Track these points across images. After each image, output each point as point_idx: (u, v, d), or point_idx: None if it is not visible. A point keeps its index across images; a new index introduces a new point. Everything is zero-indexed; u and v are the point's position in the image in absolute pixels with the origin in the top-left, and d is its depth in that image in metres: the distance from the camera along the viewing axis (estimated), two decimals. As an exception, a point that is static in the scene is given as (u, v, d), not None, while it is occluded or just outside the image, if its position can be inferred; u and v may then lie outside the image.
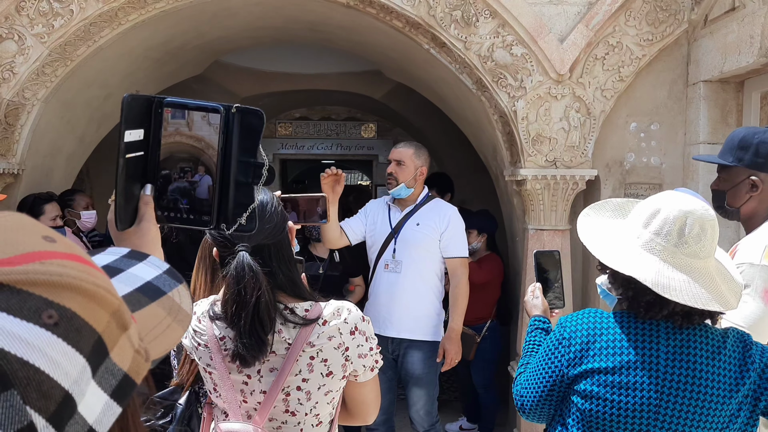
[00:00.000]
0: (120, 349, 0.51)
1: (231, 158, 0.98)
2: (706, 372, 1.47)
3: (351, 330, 1.50)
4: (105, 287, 0.51)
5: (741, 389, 1.46)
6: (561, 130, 3.88)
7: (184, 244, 3.19)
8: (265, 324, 1.43)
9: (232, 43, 5.35)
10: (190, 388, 1.80)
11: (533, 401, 1.66)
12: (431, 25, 3.84)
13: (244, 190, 0.99)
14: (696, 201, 1.54)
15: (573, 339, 1.57)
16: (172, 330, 0.65)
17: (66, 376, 0.45)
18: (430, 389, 3.57)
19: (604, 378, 1.51)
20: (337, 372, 1.50)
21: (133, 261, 0.70)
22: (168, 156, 0.98)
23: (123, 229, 0.95)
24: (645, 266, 1.49)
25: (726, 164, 2.19)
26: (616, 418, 1.50)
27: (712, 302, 1.46)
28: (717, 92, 3.75)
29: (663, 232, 1.51)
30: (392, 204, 3.62)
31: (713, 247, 1.52)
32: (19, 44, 3.77)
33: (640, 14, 3.81)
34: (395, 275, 3.50)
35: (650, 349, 1.50)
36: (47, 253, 0.49)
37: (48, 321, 0.45)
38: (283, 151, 9.03)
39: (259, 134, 0.99)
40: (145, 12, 3.89)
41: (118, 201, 0.93)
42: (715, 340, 1.51)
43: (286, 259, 1.52)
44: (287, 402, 1.49)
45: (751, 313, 1.87)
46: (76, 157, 4.82)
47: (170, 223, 1.00)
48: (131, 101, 0.92)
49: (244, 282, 1.41)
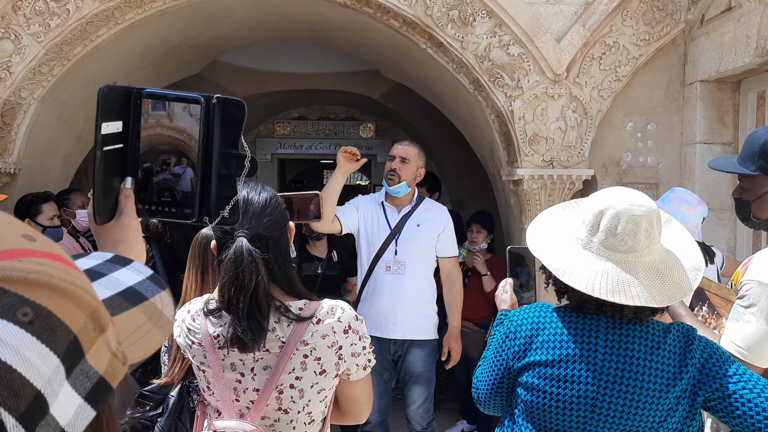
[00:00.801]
0: (96, 351, 0.50)
1: (213, 150, 0.96)
2: (643, 366, 1.49)
3: (345, 329, 1.51)
4: (83, 287, 0.50)
5: (679, 384, 1.47)
6: (558, 130, 3.88)
7: (178, 244, 3.19)
8: (262, 308, 1.43)
9: (229, 42, 5.35)
10: (181, 382, 1.80)
11: (486, 393, 1.71)
12: (428, 24, 3.84)
13: (227, 182, 0.97)
14: (632, 196, 1.53)
15: (518, 333, 1.62)
16: (152, 335, 0.64)
17: (39, 376, 0.44)
18: (429, 387, 3.59)
19: (545, 371, 1.55)
20: (330, 370, 1.51)
21: (116, 266, 0.69)
22: (149, 148, 0.96)
23: (102, 223, 0.93)
24: (580, 268, 1.53)
25: (750, 174, 2.01)
26: (555, 410, 1.53)
27: (636, 299, 1.47)
28: (714, 92, 3.76)
29: (598, 231, 1.53)
30: (387, 203, 3.60)
31: (651, 238, 1.52)
32: (16, 43, 3.77)
33: (637, 14, 3.82)
34: (399, 276, 3.48)
35: (589, 343, 1.53)
36: (26, 251, 0.48)
37: (23, 319, 0.44)
38: (282, 150, 9.02)
39: (241, 125, 0.97)
40: (141, 11, 3.89)
41: (97, 194, 0.91)
42: (655, 335, 1.53)
43: (283, 253, 1.53)
44: (280, 400, 1.49)
45: (752, 334, 1.78)
46: (72, 156, 4.82)
47: (152, 217, 0.98)
48: (108, 92, 0.90)
49: (243, 266, 1.42)
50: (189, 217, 0.96)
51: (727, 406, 1.45)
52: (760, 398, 1.42)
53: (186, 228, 3.59)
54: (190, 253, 1.83)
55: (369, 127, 9.02)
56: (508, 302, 2.03)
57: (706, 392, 1.47)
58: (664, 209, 2.91)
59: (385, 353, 3.47)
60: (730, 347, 1.80)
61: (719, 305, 2.07)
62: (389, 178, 3.50)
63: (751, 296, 1.79)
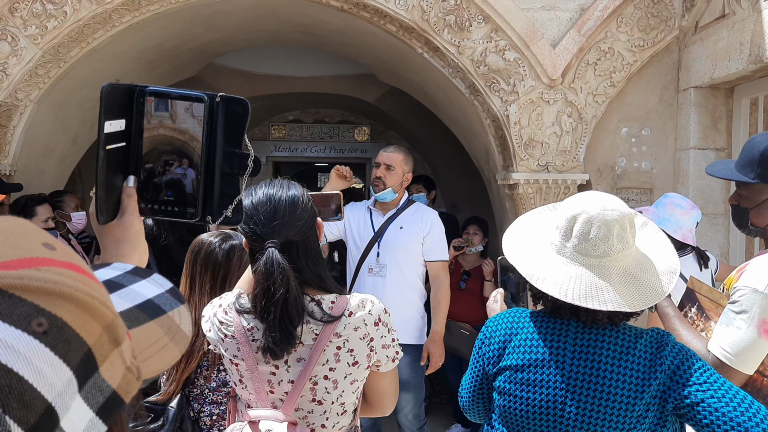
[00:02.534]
0: (110, 365, 0.49)
1: (216, 149, 0.94)
2: (612, 372, 1.48)
3: (375, 321, 1.54)
4: (100, 299, 0.49)
5: (647, 390, 1.46)
6: (553, 135, 3.91)
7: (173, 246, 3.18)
8: (293, 318, 1.46)
9: (225, 45, 5.35)
10: (180, 392, 1.80)
11: (468, 399, 1.72)
12: (425, 29, 3.85)
13: (230, 181, 0.96)
14: (604, 201, 1.54)
15: (493, 338, 1.63)
16: (168, 350, 0.63)
17: (50, 388, 0.43)
18: (417, 392, 3.57)
19: (516, 375, 1.55)
20: (362, 362, 1.54)
21: (136, 278, 0.69)
22: (152, 147, 0.94)
23: (104, 222, 0.92)
24: (554, 274, 1.53)
25: (749, 182, 1.98)
26: (526, 414, 1.53)
27: (609, 304, 1.47)
28: (707, 98, 3.79)
29: (571, 236, 1.53)
30: (374, 208, 3.62)
31: (625, 243, 1.52)
32: (12, 45, 3.76)
33: (632, 20, 3.85)
34: (380, 279, 3.49)
35: (558, 347, 1.53)
36: (45, 260, 0.47)
37: (37, 329, 0.44)
38: (277, 153, 9.01)
39: (245, 124, 0.96)
40: (138, 14, 3.89)
41: (99, 193, 0.90)
42: (625, 340, 1.51)
43: (313, 255, 1.55)
44: (314, 391, 1.52)
45: (741, 340, 1.77)
46: (68, 158, 4.81)
47: (155, 216, 0.97)
48: (110, 90, 0.88)
49: (273, 278, 1.44)
50: (192, 216, 0.95)
51: (695, 414, 1.41)
52: (728, 407, 1.38)
53: (181, 230, 3.59)
54: (186, 257, 1.84)
55: (364, 131, 9.03)
56: (497, 311, 2.01)
57: (675, 399, 1.44)
58: (658, 214, 2.95)
59: None
60: (718, 351, 1.80)
61: (709, 308, 2.07)
62: (375, 185, 3.53)
63: (743, 302, 1.79)
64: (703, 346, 1.85)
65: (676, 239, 2.94)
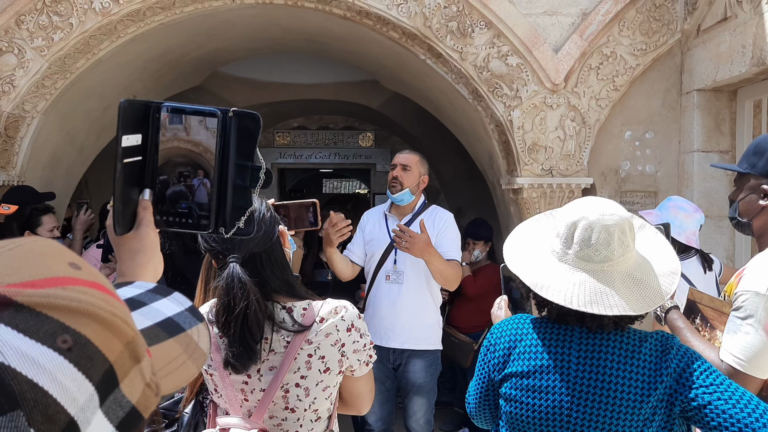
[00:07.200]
0: (130, 381, 0.51)
1: (229, 162, 0.97)
2: (617, 376, 1.48)
3: (348, 327, 1.55)
4: (122, 317, 0.51)
5: (654, 393, 1.45)
6: (557, 139, 3.92)
7: (177, 255, 3.20)
8: (254, 333, 1.47)
9: (230, 54, 5.39)
10: (194, 398, 1.82)
11: (475, 406, 1.73)
12: (427, 36, 3.87)
13: (242, 193, 0.99)
14: (603, 206, 1.54)
15: (498, 345, 1.64)
16: (186, 367, 0.65)
17: (73, 402, 0.45)
18: (430, 398, 3.56)
19: (521, 381, 1.56)
20: (334, 367, 1.55)
21: (157, 296, 0.71)
22: (166, 161, 0.98)
23: (121, 233, 0.95)
24: (557, 281, 1.53)
25: (740, 171, 1.99)
26: (533, 420, 1.53)
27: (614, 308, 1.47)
28: (710, 101, 3.79)
29: (573, 243, 1.53)
30: (389, 213, 3.60)
31: (625, 246, 1.53)
32: (19, 57, 3.80)
33: (634, 24, 3.86)
34: (397, 286, 3.46)
35: (563, 353, 1.54)
36: (71, 279, 0.50)
37: (62, 345, 0.46)
38: (281, 160, 9.06)
39: (256, 137, 0.98)
40: (143, 25, 3.93)
41: (116, 206, 0.93)
42: (630, 344, 1.52)
43: (278, 263, 1.56)
44: (286, 399, 1.53)
45: (751, 345, 1.73)
46: (75, 168, 4.84)
47: (169, 228, 1.00)
48: (128, 106, 0.92)
49: (233, 293, 1.46)
50: (205, 228, 0.98)
51: (703, 417, 1.41)
52: (735, 409, 1.38)
53: (185, 239, 3.61)
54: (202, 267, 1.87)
55: (368, 136, 9.05)
56: (502, 318, 2.01)
57: (682, 402, 1.44)
58: (661, 217, 2.96)
59: (384, 361, 3.44)
60: (730, 359, 1.77)
61: (712, 317, 2.03)
62: (392, 185, 3.48)
63: (747, 307, 1.76)
64: (716, 356, 1.81)
65: (679, 242, 2.95)
